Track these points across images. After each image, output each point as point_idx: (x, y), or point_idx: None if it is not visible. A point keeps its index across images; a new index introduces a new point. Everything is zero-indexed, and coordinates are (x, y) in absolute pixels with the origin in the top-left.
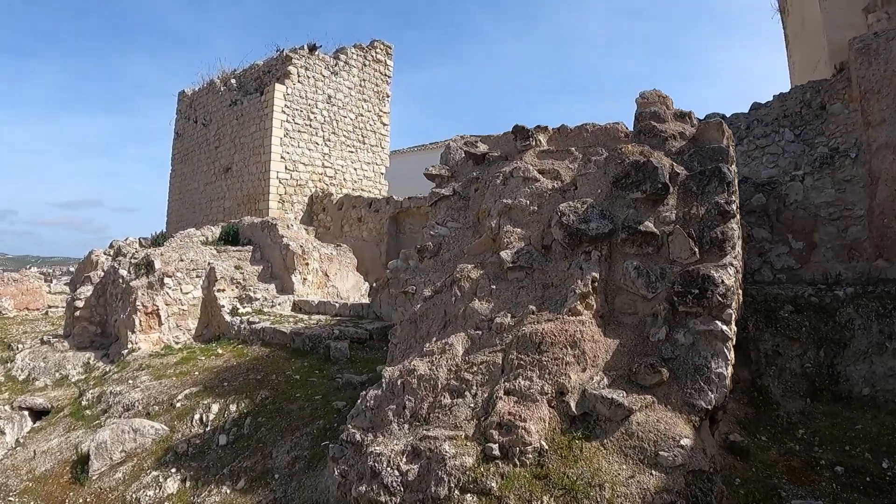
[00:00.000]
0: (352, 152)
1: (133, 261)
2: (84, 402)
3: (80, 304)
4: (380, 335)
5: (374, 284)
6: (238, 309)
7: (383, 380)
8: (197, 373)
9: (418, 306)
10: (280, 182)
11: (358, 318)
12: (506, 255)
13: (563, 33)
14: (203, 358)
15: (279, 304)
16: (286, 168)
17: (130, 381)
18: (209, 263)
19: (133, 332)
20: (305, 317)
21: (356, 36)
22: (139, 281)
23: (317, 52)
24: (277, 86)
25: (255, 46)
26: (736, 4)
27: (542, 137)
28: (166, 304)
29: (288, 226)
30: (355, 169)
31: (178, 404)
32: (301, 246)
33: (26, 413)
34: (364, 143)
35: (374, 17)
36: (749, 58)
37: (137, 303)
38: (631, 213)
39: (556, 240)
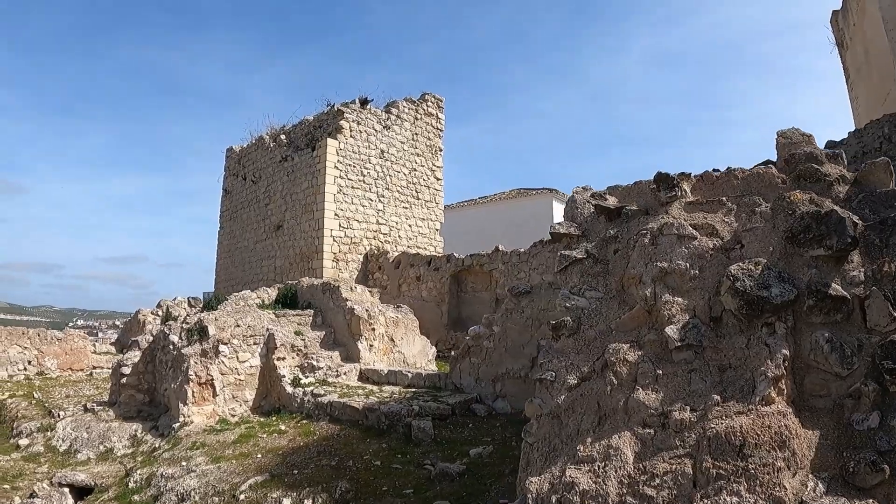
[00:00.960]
0: (406, 208)
1: (185, 325)
2: (132, 485)
3: (126, 370)
4: (463, 410)
5: (453, 353)
6: (300, 379)
7: (528, 496)
8: (260, 455)
9: (562, 398)
10: (334, 240)
11: (434, 389)
12: (672, 331)
13: (598, 86)
14: (264, 435)
15: (345, 374)
16: (340, 225)
17: (184, 463)
18: (267, 329)
19: (185, 403)
20: (375, 388)
21: (401, 94)
22: (192, 348)
23: (368, 106)
24: (329, 140)
25: (302, 106)
26: (770, 48)
27: (686, 186)
28: (221, 374)
29: (351, 288)
30: (410, 226)
31: (242, 496)
32: (367, 310)
33: (67, 490)
34: (418, 199)
35: (410, 77)
36: (787, 100)
37: (190, 372)
38: (813, 273)
39: (727, 310)
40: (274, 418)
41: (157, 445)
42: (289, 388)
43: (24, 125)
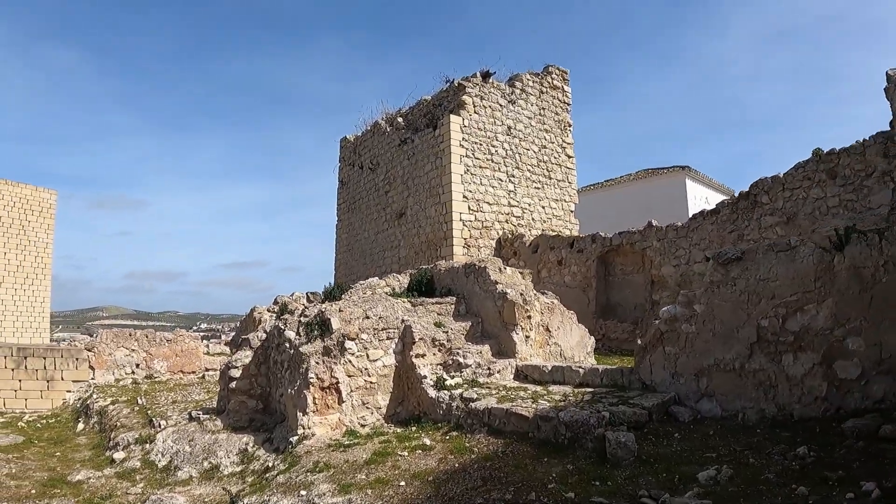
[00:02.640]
0: (538, 188)
1: (303, 319)
2: None
3: (235, 373)
4: (660, 415)
5: (639, 342)
6: (444, 380)
7: None
8: (402, 482)
9: None
10: (464, 224)
11: (616, 388)
12: None
13: (706, 66)
14: (405, 453)
15: (498, 372)
16: (469, 208)
17: (303, 493)
18: (402, 320)
19: (304, 412)
20: (539, 388)
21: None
22: (311, 345)
23: (491, 80)
24: (452, 117)
25: (418, 87)
26: (878, 13)
27: None
28: (348, 376)
29: (499, 269)
30: (543, 207)
31: None
32: (521, 294)
33: None
34: (550, 179)
35: (515, 68)
36: None
37: (310, 374)
38: None
39: None
40: (414, 429)
41: (270, 464)
42: (431, 392)
43: (143, 143)
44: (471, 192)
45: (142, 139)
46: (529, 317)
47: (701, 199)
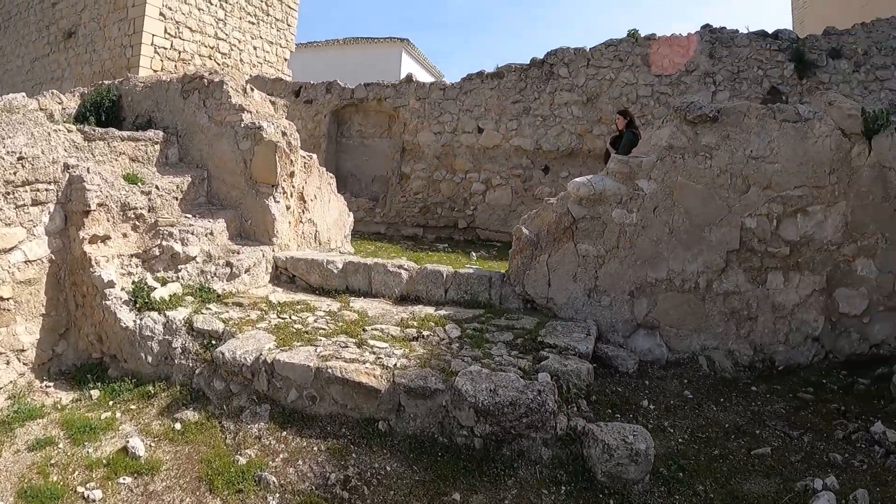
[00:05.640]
0: (252, 24)
1: None
2: None
3: None
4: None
5: (526, 231)
6: (150, 289)
7: None
8: None
9: None
10: (156, 51)
11: (481, 307)
12: None
13: None
14: (90, 488)
15: (247, 272)
16: (166, 31)
17: None
18: (65, 167)
19: None
20: (332, 303)
21: None
22: None
23: None
24: None
25: None
26: None
27: None
28: None
29: (244, 89)
30: (255, 48)
31: None
32: (284, 134)
33: None
34: (268, 15)
35: None
36: None
37: None
38: None
39: None
40: (97, 397)
41: None
42: (125, 316)
43: None
44: (170, 9)
45: None
46: (292, 174)
47: None
